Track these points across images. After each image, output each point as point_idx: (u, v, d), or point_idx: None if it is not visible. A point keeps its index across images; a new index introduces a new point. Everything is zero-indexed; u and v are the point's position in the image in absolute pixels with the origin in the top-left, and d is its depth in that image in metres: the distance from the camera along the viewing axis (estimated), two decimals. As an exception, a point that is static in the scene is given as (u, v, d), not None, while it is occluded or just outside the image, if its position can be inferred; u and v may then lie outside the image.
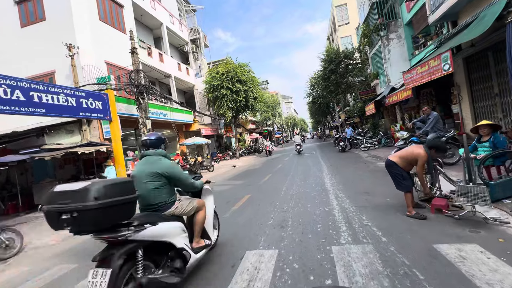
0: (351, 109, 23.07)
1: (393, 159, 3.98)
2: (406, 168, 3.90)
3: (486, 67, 8.52)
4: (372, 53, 16.13)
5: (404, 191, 3.86)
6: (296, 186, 7.18)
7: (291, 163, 13.41)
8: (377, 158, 10.58)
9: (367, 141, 14.49)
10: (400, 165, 3.88)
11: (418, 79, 9.01)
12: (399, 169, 3.87)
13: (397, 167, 3.88)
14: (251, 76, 22.53)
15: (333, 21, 38.51)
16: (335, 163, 11.11)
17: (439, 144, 3.97)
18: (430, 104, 13.00)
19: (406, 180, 3.84)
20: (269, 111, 39.00)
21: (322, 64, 23.83)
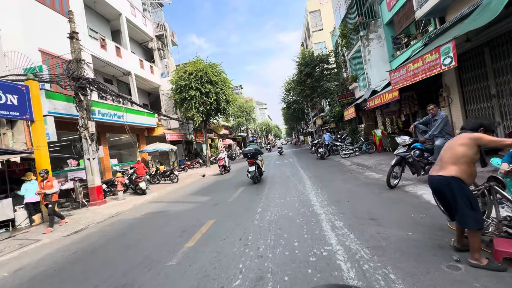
0: (327, 114, 22.29)
1: (450, 172, 2.50)
2: (469, 184, 2.48)
3: (481, 65, 7.74)
4: (350, 55, 15.34)
5: (474, 228, 2.37)
6: (274, 206, 5.54)
7: (267, 173, 11.82)
8: (363, 167, 9.36)
9: (347, 148, 13.44)
10: (465, 180, 2.43)
11: (409, 77, 7.98)
12: (466, 188, 2.42)
13: (463, 185, 2.42)
14: (223, 77, 20.83)
15: (307, 27, 38.43)
16: (317, 172, 9.71)
17: (487, 123, 2.59)
18: (412, 108, 12.29)
19: (476, 208, 2.39)
20: (243, 116, 37.45)
21: (298, 67, 22.97)
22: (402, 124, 12.81)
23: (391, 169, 5.52)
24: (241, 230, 4.33)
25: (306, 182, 7.97)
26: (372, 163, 9.88)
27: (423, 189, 5.16)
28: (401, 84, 8.57)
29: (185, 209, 6.83)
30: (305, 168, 11.46)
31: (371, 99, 12.26)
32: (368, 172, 8.31)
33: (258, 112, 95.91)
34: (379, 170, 8.13)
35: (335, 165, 11.26)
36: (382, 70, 13.06)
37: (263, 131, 75.18)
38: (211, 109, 19.81)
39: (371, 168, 8.90)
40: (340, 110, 17.48)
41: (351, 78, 15.31)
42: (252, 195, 7.26)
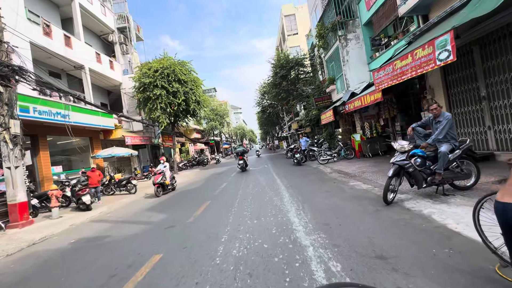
0: (303, 118, 21.62)
1: None
2: None
3: (470, 65, 7.20)
4: (327, 56, 14.70)
5: None
6: (245, 232, 4.24)
7: (239, 182, 10.50)
8: (346, 175, 8.42)
9: (325, 153, 12.59)
10: None
11: (396, 76, 7.20)
12: None
13: None
14: (193, 76, 19.24)
15: (282, 31, 38.14)
16: (296, 182, 8.59)
17: None
18: (391, 112, 11.78)
19: None
20: (216, 119, 35.81)
21: (273, 69, 22.13)
22: (381, 128, 12.27)
23: (388, 181, 4.50)
24: (194, 275, 2.95)
25: (284, 194, 6.77)
26: (354, 170, 9.01)
27: (427, 206, 4.18)
28: (386, 84, 7.79)
29: (129, 234, 5.25)
30: (281, 176, 10.31)
31: (350, 102, 11.55)
32: (352, 181, 7.34)
33: (232, 116, 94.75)
34: (364, 179, 7.19)
35: (314, 172, 10.25)
36: (360, 72, 12.49)
37: (237, 135, 73.75)
38: (179, 111, 18.08)
39: (354, 176, 7.97)
40: (317, 114, 16.78)
41: (328, 80, 14.64)
42: (219, 212, 5.88)
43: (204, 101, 20.61)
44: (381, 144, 11.75)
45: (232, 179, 11.93)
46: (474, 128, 7.32)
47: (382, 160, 10.25)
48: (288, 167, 13.66)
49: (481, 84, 6.82)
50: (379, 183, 6.44)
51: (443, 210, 3.88)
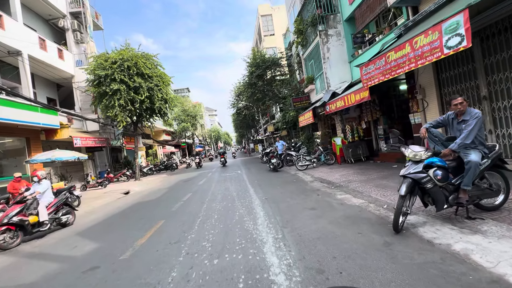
0: (279, 120, 20.55)
1: None
2: None
3: (468, 61, 6.42)
4: (306, 54, 13.71)
5: None
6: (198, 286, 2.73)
7: (206, 192, 8.93)
8: (330, 185, 7.23)
9: (304, 158, 11.46)
10: None
11: (390, 70, 6.18)
12: None
13: None
14: (160, 71, 17.28)
15: (258, 31, 37.20)
16: (272, 194, 7.24)
17: None
18: (373, 114, 10.98)
19: None
20: (188, 120, 33.63)
21: (249, 68, 20.87)
22: (363, 132, 11.42)
23: (400, 202, 3.28)
24: None
25: (258, 213, 5.35)
26: (338, 178, 7.89)
27: (455, 238, 3.01)
28: (376, 80, 6.77)
29: (25, 283, 3.48)
30: (256, 185, 8.91)
31: (332, 102, 10.54)
32: (339, 193, 6.14)
33: (207, 118, 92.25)
34: (353, 191, 6.04)
35: (293, 180, 9.00)
36: (341, 71, 11.59)
37: (212, 138, 71.40)
38: (143, 109, 16.00)
39: (340, 186, 6.81)
40: (294, 116, 15.72)
41: (307, 79, 13.64)
42: (169, 241, 4.30)
43: (172, 99, 18.67)
44: (363, 149, 10.87)
45: (199, 188, 10.29)
46: (472, 132, 6.52)
47: (366, 167, 9.30)
48: (264, 173, 12.32)
49: (482, 83, 6.02)
50: (372, 196, 5.29)
51: (482, 246, 2.72)
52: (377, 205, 4.74)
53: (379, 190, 5.69)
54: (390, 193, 5.31)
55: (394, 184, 6.03)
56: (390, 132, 10.50)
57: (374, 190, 5.77)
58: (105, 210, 8.44)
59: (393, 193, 5.27)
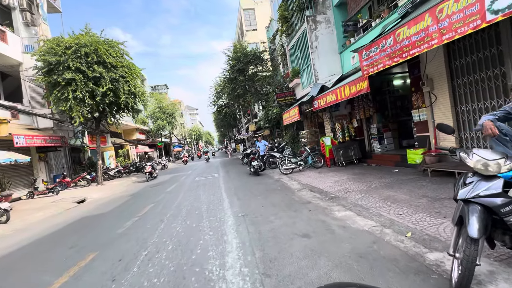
0: (261, 118, 19.12)
1: None
2: None
3: (490, 44, 5.30)
4: (291, 45, 12.36)
5: None
6: None
7: (170, 204, 7.27)
8: (323, 196, 5.83)
9: (289, 160, 10.07)
10: None
11: (399, 51, 4.88)
12: None
13: None
14: (127, 62, 15.20)
15: (240, 26, 35.60)
16: (252, 208, 5.72)
17: None
18: (366, 112, 9.81)
19: None
20: (164, 118, 31.29)
21: (229, 62, 19.26)
22: (354, 131, 10.22)
23: (471, 251, 1.86)
24: None
25: (230, 242, 3.81)
26: (331, 186, 6.53)
27: None
28: (381, 66, 5.46)
29: None
30: (232, 195, 7.35)
31: (321, 97, 9.23)
32: (337, 208, 4.75)
33: (188, 117, 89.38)
34: (354, 206, 4.68)
35: (277, 188, 7.54)
36: (331, 63, 10.33)
37: (192, 138, 68.74)
38: (105, 103, 13.87)
39: (336, 198, 5.44)
40: (278, 113, 14.33)
41: (292, 72, 12.29)
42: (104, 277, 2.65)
43: (142, 93, 16.60)
44: (356, 150, 9.65)
45: (165, 196, 8.57)
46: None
47: (361, 171, 8.05)
48: (243, 178, 10.78)
49: (510, 70, 4.88)
50: (384, 216, 3.94)
51: None
52: (396, 231, 3.38)
53: (390, 206, 4.36)
54: (406, 211, 3.99)
55: (404, 196, 4.73)
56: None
57: (383, 206, 4.43)
58: (38, 229, 6.52)
59: (410, 211, 3.95)
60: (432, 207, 3.98)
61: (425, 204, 4.18)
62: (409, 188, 5.24)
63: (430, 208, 3.98)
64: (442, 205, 4.03)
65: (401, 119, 10.14)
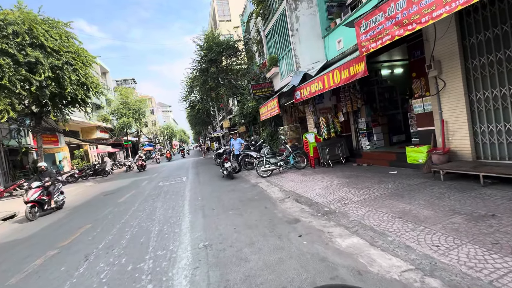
0: (236, 113, 17.53)
1: None
2: None
3: (510, 16, 4.24)
4: (268, 29, 10.91)
5: None
6: None
7: (112, 224, 5.51)
8: (313, 210, 4.46)
9: (268, 161, 8.66)
10: None
11: (417, 14, 3.61)
12: None
13: None
14: (76, 47, 12.83)
15: (213, 16, 33.53)
16: (220, 232, 4.22)
17: None
18: (354, 104, 8.66)
19: None
20: (130, 114, 28.47)
21: (199, 52, 17.38)
22: (340, 126, 9.05)
23: None
24: None
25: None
26: (321, 194, 5.20)
27: None
28: (387, 38, 4.17)
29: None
30: (197, 209, 5.74)
31: (304, 87, 7.91)
32: (338, 232, 3.40)
33: (160, 115, 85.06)
34: (362, 227, 3.37)
35: (254, 197, 6.06)
36: (314, 48, 9.02)
37: (164, 136, 65.13)
38: (46, 95, 11.41)
39: (332, 213, 4.09)
40: (255, 106, 12.85)
41: (270, 60, 10.85)
42: None
43: (96, 85, 14.23)
44: (343, 148, 8.48)
45: (110, 211, 6.71)
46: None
47: (352, 173, 6.84)
48: (215, 182, 9.18)
49: (549, 44, 3.82)
50: (415, 248, 2.64)
51: None
52: (448, 284, 2.05)
53: (414, 229, 3.07)
54: (444, 240, 2.71)
55: (427, 211, 3.49)
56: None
57: (404, 228, 3.13)
58: None
59: (451, 241, 2.69)
60: (479, 232, 2.74)
61: (464, 225, 2.95)
62: (426, 197, 4.03)
63: (476, 233, 2.74)
64: (490, 226, 2.82)
65: (390, 112, 9.17)
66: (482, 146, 4.91)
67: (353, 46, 7.21)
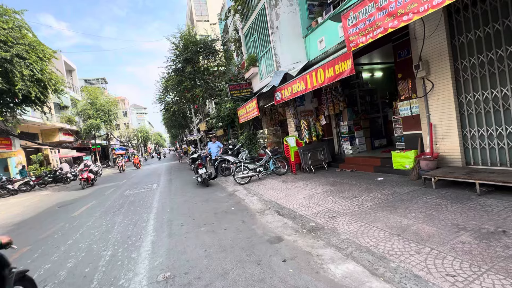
0: (213, 115, 16.73)
1: None
2: None
3: (502, 14, 4.03)
4: (247, 27, 10.36)
5: None
6: None
7: (58, 245, 4.58)
8: (299, 225, 3.88)
9: (246, 167, 8.02)
10: None
11: (416, 2, 3.21)
12: None
13: None
14: (30, 39, 11.41)
15: (190, 15, 32.54)
16: (188, 254, 3.54)
17: None
18: (336, 107, 8.31)
19: None
20: (98, 116, 26.44)
21: (175, 51, 16.47)
22: (322, 130, 8.67)
23: None
24: None
25: None
26: (305, 205, 4.65)
27: None
28: (380, 31, 3.74)
29: None
30: (163, 224, 4.94)
31: (285, 87, 7.41)
32: (329, 255, 2.84)
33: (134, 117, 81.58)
34: (354, 247, 2.85)
35: (231, 208, 5.37)
36: (294, 48, 8.60)
37: (139, 139, 62.10)
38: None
39: (320, 229, 3.54)
40: (232, 108, 12.18)
41: (248, 60, 10.28)
42: None
43: (55, 82, 12.78)
44: (325, 153, 8.07)
45: (57, 230, 5.67)
46: (508, 130, 4.12)
47: (336, 179, 6.39)
48: (188, 190, 8.35)
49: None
50: (426, 279, 2.12)
51: None
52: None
53: (418, 251, 2.58)
54: (458, 267, 2.25)
55: (428, 227, 3.03)
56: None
57: (406, 250, 2.64)
58: None
59: (466, 268, 2.22)
60: (497, 255, 2.30)
61: (476, 246, 2.50)
62: (422, 209, 3.61)
63: (494, 256, 2.30)
64: (507, 247, 2.40)
65: (371, 116, 8.96)
66: (472, 151, 4.66)
67: (336, 45, 6.87)
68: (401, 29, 4.82)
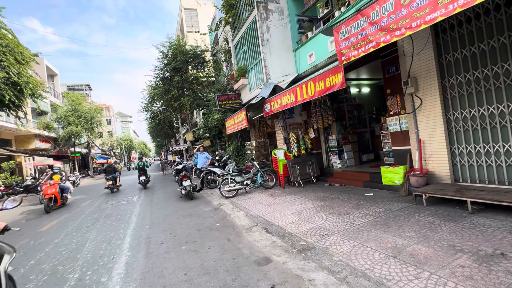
0: (201, 125, 16.41)
1: None
2: None
3: (499, 32, 4.13)
4: (237, 39, 10.35)
5: None
6: None
7: (19, 263, 4.06)
8: (289, 244, 3.64)
9: (233, 179, 7.74)
10: None
11: (409, 17, 3.19)
12: None
13: None
14: (8, 39, 10.85)
15: (181, 26, 32.61)
16: (166, 279, 3.18)
17: None
18: (325, 120, 8.30)
19: None
20: (78, 123, 25.37)
21: (163, 60, 16.24)
22: (311, 143, 8.59)
23: None
24: None
25: None
26: (294, 222, 4.42)
27: None
28: (372, 45, 3.71)
29: None
30: (140, 242, 4.54)
31: (274, 99, 7.33)
32: (322, 280, 2.61)
33: (119, 125, 79.57)
34: (349, 271, 2.65)
35: (215, 225, 5.04)
36: (284, 61, 8.61)
37: (122, 148, 60.16)
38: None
39: (311, 248, 3.32)
40: (220, 119, 11.96)
41: (238, 71, 10.21)
42: None
43: (34, 86, 12.14)
44: (314, 166, 7.94)
45: (23, 246, 5.11)
46: (495, 148, 4.14)
47: (325, 194, 6.23)
48: (170, 203, 7.92)
49: (529, 63, 3.69)
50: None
51: None
52: None
53: (417, 276, 2.41)
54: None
55: (424, 248, 2.88)
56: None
57: (404, 275, 2.46)
58: None
59: None
60: (500, 282, 2.16)
61: (476, 270, 2.36)
62: (415, 228, 3.48)
63: (497, 283, 2.15)
64: (508, 272, 2.26)
65: (359, 130, 9.01)
66: (461, 168, 4.66)
67: (326, 59, 6.90)
68: (389, 46, 4.89)
